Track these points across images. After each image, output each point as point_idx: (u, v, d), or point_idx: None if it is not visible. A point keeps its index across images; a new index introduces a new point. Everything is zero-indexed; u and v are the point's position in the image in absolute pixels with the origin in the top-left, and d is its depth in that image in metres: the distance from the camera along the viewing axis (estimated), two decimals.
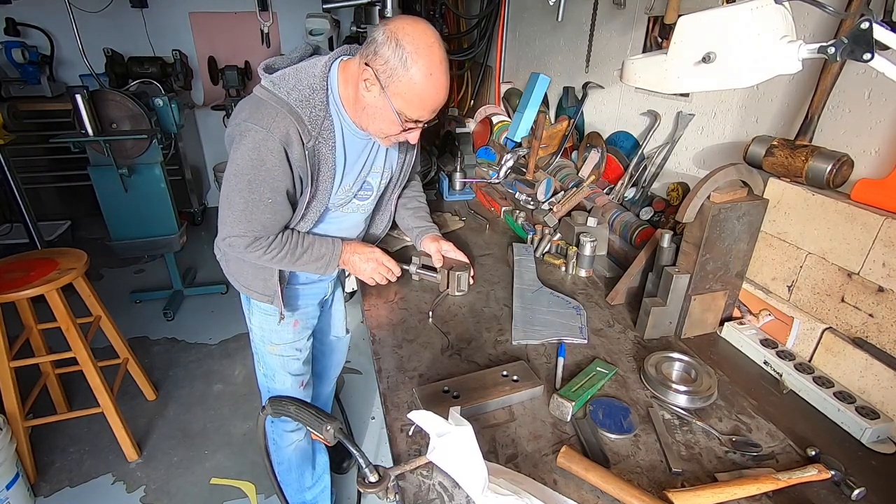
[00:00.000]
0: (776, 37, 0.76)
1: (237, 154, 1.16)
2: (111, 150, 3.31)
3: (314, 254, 1.34)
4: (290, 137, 1.13)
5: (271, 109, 1.13)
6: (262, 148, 1.13)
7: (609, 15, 1.91)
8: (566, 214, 1.79)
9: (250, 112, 1.15)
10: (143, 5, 4.41)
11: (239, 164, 1.16)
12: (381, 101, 1.12)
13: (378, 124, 1.18)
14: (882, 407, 1.01)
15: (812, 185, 1.12)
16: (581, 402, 1.05)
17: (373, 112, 1.16)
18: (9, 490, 1.82)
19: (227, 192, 1.21)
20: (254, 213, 1.20)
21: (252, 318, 1.53)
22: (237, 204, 1.19)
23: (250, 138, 1.13)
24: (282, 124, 1.12)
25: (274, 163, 1.14)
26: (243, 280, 1.45)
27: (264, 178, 1.16)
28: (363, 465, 0.82)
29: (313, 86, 1.16)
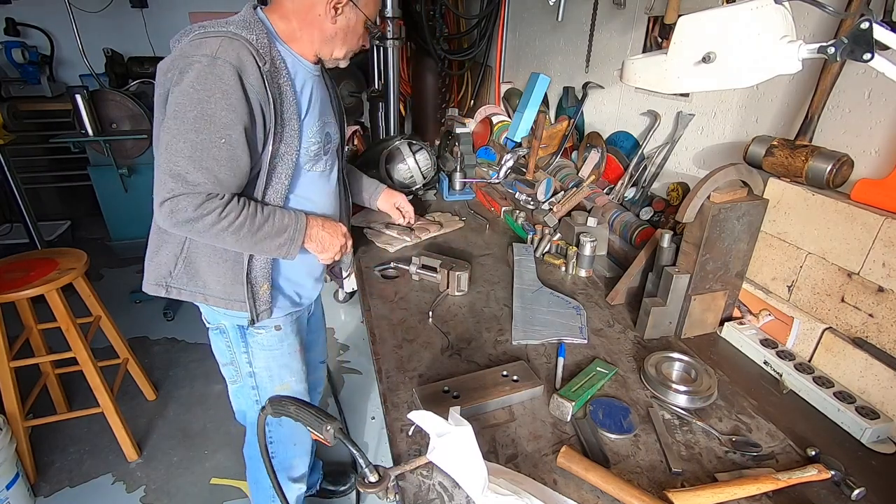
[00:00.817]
0: (776, 37, 0.76)
1: (177, 92, 0.99)
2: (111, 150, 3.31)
3: (276, 224, 1.13)
4: (243, 60, 0.99)
5: (212, 39, 0.99)
6: (209, 76, 0.97)
7: (609, 15, 1.91)
8: (566, 214, 1.79)
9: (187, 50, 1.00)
10: (143, 5, 4.42)
11: (181, 102, 0.98)
12: (353, 18, 1.10)
13: (349, 44, 1.15)
14: (882, 407, 1.01)
15: (812, 185, 1.12)
16: (581, 402, 1.05)
17: (345, 34, 1.12)
18: (9, 490, 1.82)
19: (168, 141, 1.00)
20: (203, 159, 1.00)
21: (254, 362, 1.33)
22: (181, 150, 0.99)
23: (193, 70, 0.97)
24: (230, 48, 0.99)
25: (225, 90, 0.98)
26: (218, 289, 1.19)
27: (214, 111, 0.98)
28: (363, 465, 0.82)
29: (246, 19, 1.06)
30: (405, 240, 1.78)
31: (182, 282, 1.19)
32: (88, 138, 3.18)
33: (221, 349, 1.34)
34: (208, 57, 0.97)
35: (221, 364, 1.38)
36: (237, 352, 1.32)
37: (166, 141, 1.00)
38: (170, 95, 1.00)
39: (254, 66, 1.00)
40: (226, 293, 1.20)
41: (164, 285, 1.20)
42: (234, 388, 1.41)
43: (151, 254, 1.22)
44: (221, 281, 1.19)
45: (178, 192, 1.00)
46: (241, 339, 1.30)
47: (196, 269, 1.18)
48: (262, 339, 1.31)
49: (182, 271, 1.19)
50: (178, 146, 0.99)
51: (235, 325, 1.28)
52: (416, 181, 2.16)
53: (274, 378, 1.37)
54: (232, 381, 1.40)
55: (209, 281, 1.19)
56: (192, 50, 0.99)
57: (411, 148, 2.14)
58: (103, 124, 3.27)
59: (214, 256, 1.17)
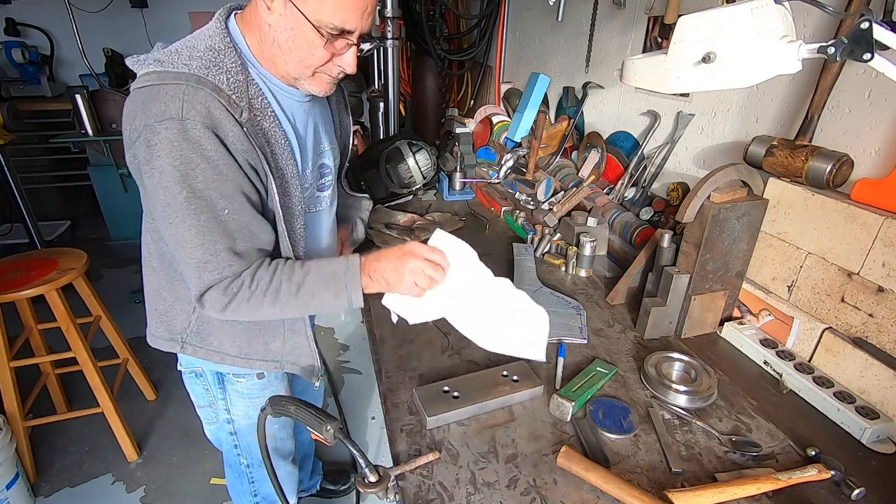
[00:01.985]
0: (776, 37, 0.76)
1: (155, 173, 0.82)
2: (111, 150, 3.32)
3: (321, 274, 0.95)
4: (215, 116, 0.83)
5: (173, 90, 0.81)
6: (184, 145, 0.81)
7: (609, 15, 1.91)
8: (566, 214, 1.79)
9: (145, 108, 0.82)
10: (143, 5, 4.42)
11: (165, 186, 0.83)
12: (290, 18, 0.86)
13: (298, 55, 0.90)
14: (882, 407, 1.01)
15: (812, 185, 1.12)
16: (581, 402, 1.05)
17: (286, 40, 0.88)
18: (9, 490, 1.82)
19: (172, 233, 0.88)
20: (213, 239, 0.87)
21: (232, 409, 1.23)
22: (189, 240, 0.86)
23: (162, 142, 0.81)
24: (196, 102, 0.81)
25: (207, 157, 0.83)
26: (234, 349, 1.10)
27: (203, 185, 0.84)
28: (363, 465, 0.82)
29: (214, 47, 0.87)
30: (405, 240, 1.78)
31: (197, 339, 1.09)
32: (88, 138, 3.18)
33: (198, 392, 1.23)
34: (175, 121, 0.80)
35: (197, 406, 1.27)
36: (215, 397, 1.22)
37: (172, 234, 0.88)
38: (144, 176, 0.85)
39: (229, 121, 0.84)
40: (241, 352, 1.10)
41: (178, 341, 1.10)
42: (210, 428, 1.31)
43: (164, 308, 1.09)
44: (237, 341, 1.09)
45: (208, 281, 0.90)
46: (218, 385, 1.19)
47: (210, 329, 1.08)
48: (242, 388, 1.20)
49: (195, 331, 1.08)
50: (185, 236, 0.86)
51: (213, 370, 1.17)
52: (416, 181, 2.16)
53: (253, 426, 1.22)
54: (209, 423, 1.29)
55: (223, 341, 1.09)
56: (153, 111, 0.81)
57: (411, 148, 2.14)
58: (103, 124, 3.27)
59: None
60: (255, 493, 1.41)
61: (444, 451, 0.95)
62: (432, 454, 0.93)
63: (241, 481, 1.39)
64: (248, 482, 1.39)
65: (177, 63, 0.84)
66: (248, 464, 1.34)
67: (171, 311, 1.09)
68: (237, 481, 1.41)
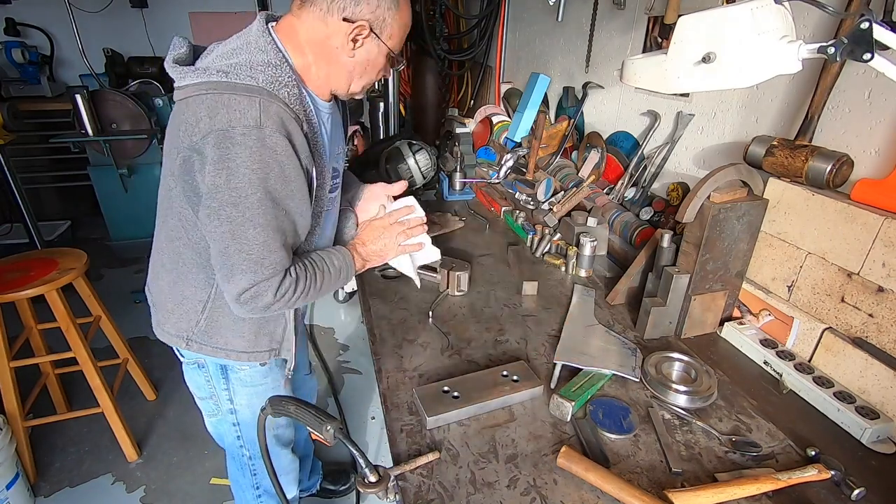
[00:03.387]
0: (776, 37, 0.77)
1: (226, 173, 0.88)
2: (111, 150, 3.32)
3: (333, 271, 1.09)
4: (288, 127, 0.91)
5: (247, 101, 0.88)
6: (262, 151, 0.88)
7: (609, 15, 1.91)
8: (566, 214, 1.79)
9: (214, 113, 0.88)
10: (143, 5, 4.42)
11: (237, 186, 0.88)
12: (374, 51, 0.99)
13: (369, 77, 1.05)
14: (882, 407, 1.01)
15: (812, 185, 1.12)
16: (581, 402, 1.05)
17: (364, 68, 1.01)
18: (9, 490, 1.82)
19: (231, 230, 0.92)
20: (274, 237, 0.94)
21: (235, 398, 1.25)
22: (252, 238, 0.92)
23: (239, 146, 0.87)
24: (272, 112, 0.89)
25: (281, 162, 0.91)
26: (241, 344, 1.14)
27: (274, 187, 0.91)
28: (363, 465, 0.82)
29: (270, 62, 0.93)
30: None
31: (204, 338, 1.13)
32: (88, 138, 3.18)
33: (199, 383, 1.25)
34: (254, 129, 0.87)
35: (198, 398, 1.29)
36: (217, 388, 1.24)
37: (230, 230, 0.92)
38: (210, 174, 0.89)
39: (298, 132, 0.93)
40: (248, 347, 1.15)
41: (184, 338, 1.14)
42: (212, 420, 1.32)
43: (172, 305, 1.13)
44: (245, 337, 1.14)
45: (260, 278, 0.95)
46: (221, 375, 1.22)
47: (218, 327, 1.12)
48: (245, 376, 1.23)
49: (203, 329, 1.12)
50: (248, 233, 0.92)
51: (216, 361, 1.20)
52: (416, 181, 2.16)
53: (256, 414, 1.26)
54: (210, 415, 1.31)
55: (231, 338, 1.13)
56: (228, 118, 0.87)
57: (411, 148, 2.14)
58: (103, 124, 3.27)
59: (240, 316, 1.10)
60: (256, 486, 1.41)
61: (444, 451, 0.95)
62: (432, 454, 0.93)
63: (243, 473, 1.40)
64: (251, 474, 1.39)
65: (242, 76, 0.90)
66: (251, 455, 1.35)
67: (178, 309, 1.12)
68: (239, 474, 1.41)
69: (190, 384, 1.28)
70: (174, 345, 1.16)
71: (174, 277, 1.11)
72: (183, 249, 1.06)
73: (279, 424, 1.37)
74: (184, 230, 1.04)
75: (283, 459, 1.42)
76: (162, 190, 1.07)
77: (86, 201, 4.13)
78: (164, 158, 1.02)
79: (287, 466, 1.45)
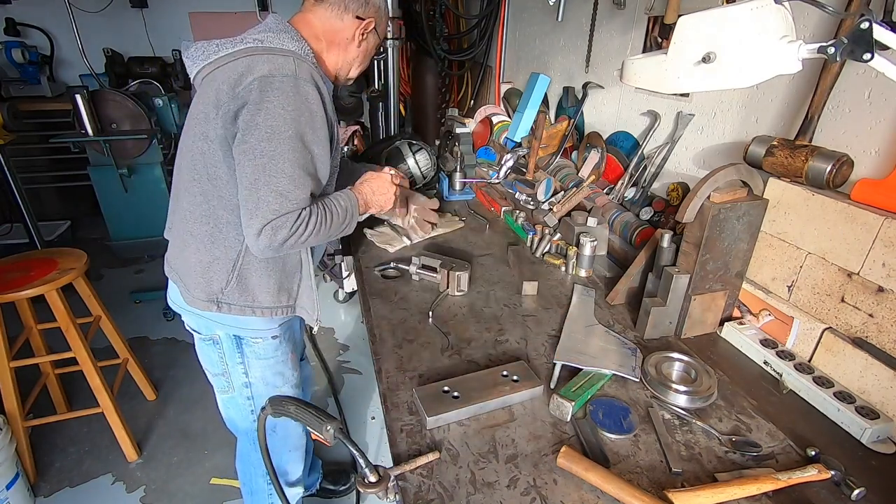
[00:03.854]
0: (776, 37, 0.77)
1: (265, 112, 1.00)
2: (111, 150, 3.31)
3: (341, 211, 1.17)
4: (317, 82, 1.06)
5: (282, 58, 1.04)
6: (297, 95, 1.01)
7: (609, 15, 1.91)
8: (566, 214, 1.79)
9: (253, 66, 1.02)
10: (143, 5, 4.42)
11: (274, 125, 1.00)
12: (372, 42, 1.24)
13: (365, 64, 1.28)
14: (882, 407, 1.01)
15: (812, 185, 1.12)
16: (581, 402, 1.05)
17: (364, 57, 1.25)
18: (9, 490, 1.82)
19: (263, 164, 1.01)
20: (302, 176, 1.05)
21: (250, 372, 1.31)
22: (283, 170, 1.02)
23: (278, 90, 1.00)
24: (304, 68, 1.05)
25: (312, 109, 1.04)
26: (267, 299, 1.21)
27: (305, 130, 1.04)
28: (363, 465, 0.83)
29: (294, 37, 1.11)
30: (404, 241, 1.78)
31: (234, 297, 1.19)
32: (88, 138, 3.18)
33: (212, 359, 1.30)
34: (291, 77, 1.01)
35: (211, 374, 1.34)
36: (231, 363, 1.29)
37: (262, 164, 1.01)
38: (250, 114, 1.01)
39: (323, 87, 1.08)
40: (273, 302, 1.22)
41: (215, 301, 1.19)
42: (224, 397, 1.37)
43: (201, 270, 1.18)
44: (270, 291, 1.21)
45: (284, 210, 1.02)
46: (236, 349, 1.28)
47: (247, 284, 1.19)
48: (259, 349, 1.29)
49: (234, 287, 1.19)
50: (278, 166, 1.01)
51: (231, 335, 1.26)
52: (416, 181, 2.16)
53: (269, 386, 1.34)
54: (222, 391, 1.35)
55: (258, 294, 1.21)
56: (269, 68, 1.01)
57: (411, 148, 2.14)
58: (103, 124, 3.27)
59: (266, 270, 1.19)
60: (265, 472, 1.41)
61: (444, 451, 0.95)
62: (432, 454, 0.93)
63: (254, 448, 1.40)
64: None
65: (276, 44, 1.07)
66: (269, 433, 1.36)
67: (208, 272, 1.18)
68: (251, 449, 1.44)
69: (203, 360, 1.34)
70: (204, 310, 1.20)
71: (206, 240, 1.16)
72: (215, 210, 1.13)
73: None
74: (216, 190, 1.11)
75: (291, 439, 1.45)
76: (184, 160, 1.15)
77: (86, 201, 4.12)
78: (190, 125, 1.12)
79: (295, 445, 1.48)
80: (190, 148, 1.13)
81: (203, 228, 1.15)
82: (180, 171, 1.17)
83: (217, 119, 1.04)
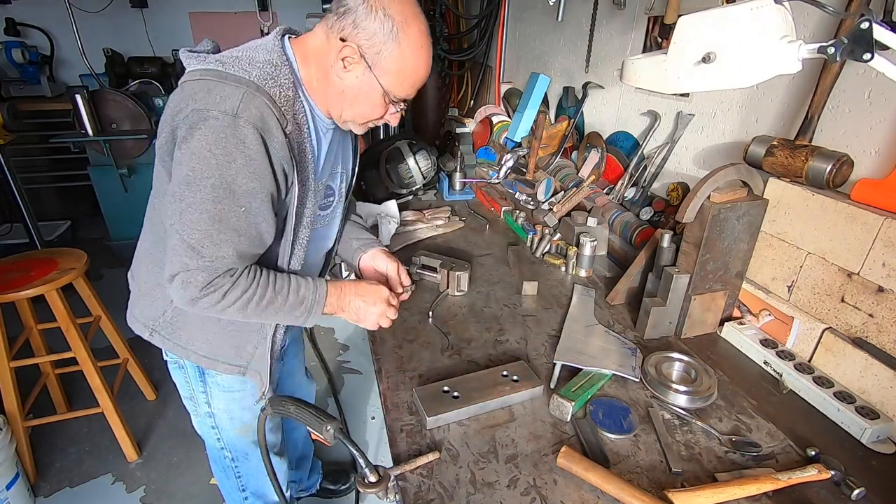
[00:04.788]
0: (776, 37, 0.76)
1: (189, 152, 0.87)
2: (111, 150, 3.32)
3: (291, 297, 1.01)
4: (267, 122, 0.89)
5: (232, 89, 0.87)
6: (230, 138, 0.86)
7: (609, 15, 1.91)
8: (566, 214, 1.79)
9: (196, 96, 0.88)
10: (143, 5, 4.42)
11: (195, 167, 0.87)
12: (365, 82, 0.96)
13: (359, 108, 1.01)
14: (882, 407, 1.01)
15: (812, 185, 1.12)
16: (581, 402, 1.05)
17: (354, 95, 0.98)
18: (9, 490, 1.82)
19: (181, 209, 0.89)
20: (221, 231, 0.90)
21: (213, 402, 1.22)
22: (196, 221, 0.89)
23: (208, 129, 0.85)
24: (252, 106, 0.87)
25: (248, 154, 0.88)
26: (204, 347, 1.10)
27: (235, 178, 0.88)
28: (363, 465, 0.82)
29: (273, 61, 0.93)
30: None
31: (167, 331, 1.10)
32: (88, 138, 3.18)
33: (181, 383, 1.24)
34: (228, 115, 0.86)
35: (182, 396, 1.28)
36: (196, 390, 1.21)
37: (179, 209, 0.89)
38: (178, 152, 0.89)
39: (278, 129, 0.90)
40: (210, 353, 1.11)
41: (149, 327, 1.11)
42: (196, 420, 1.31)
43: (146, 290, 1.10)
44: (208, 340, 1.10)
45: (192, 266, 0.91)
46: (199, 378, 1.19)
47: (182, 322, 1.09)
48: (222, 381, 1.19)
49: (169, 320, 1.09)
50: (193, 217, 0.89)
51: (194, 363, 1.17)
52: (416, 181, 2.16)
53: (235, 420, 1.24)
54: (193, 414, 1.30)
55: (193, 338, 1.10)
56: (207, 101, 0.87)
57: (411, 148, 2.14)
58: (103, 124, 3.27)
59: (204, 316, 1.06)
60: (242, 487, 1.39)
61: (444, 451, 0.95)
62: (432, 454, 0.93)
63: (227, 476, 1.38)
64: (235, 477, 1.37)
65: (237, 68, 0.90)
66: (233, 458, 1.32)
67: (150, 295, 1.10)
68: (223, 476, 1.39)
69: (175, 382, 1.26)
70: (139, 333, 1.12)
71: (152, 262, 1.08)
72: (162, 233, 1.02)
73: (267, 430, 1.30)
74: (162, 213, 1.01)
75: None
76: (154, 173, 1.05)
77: (86, 201, 4.13)
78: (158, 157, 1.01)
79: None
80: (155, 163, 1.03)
81: (153, 248, 1.08)
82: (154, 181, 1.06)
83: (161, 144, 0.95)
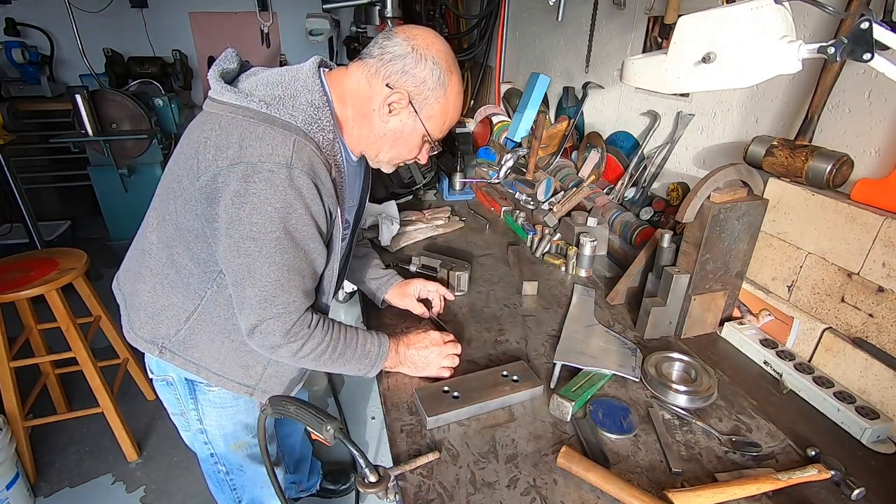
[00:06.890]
0: (776, 37, 0.76)
1: (248, 206, 0.87)
2: (111, 150, 3.32)
3: (359, 350, 1.06)
4: (316, 170, 0.90)
5: (282, 138, 0.87)
6: (288, 190, 0.87)
7: (609, 15, 1.91)
8: (566, 214, 1.79)
9: (244, 142, 0.87)
10: (143, 5, 4.42)
11: (257, 221, 0.88)
12: (409, 126, 0.99)
13: (398, 150, 1.04)
14: (882, 407, 1.01)
15: (812, 185, 1.12)
16: (581, 402, 1.05)
17: (395, 138, 1.01)
18: (9, 490, 1.82)
19: (247, 263, 0.91)
20: (290, 279, 0.94)
21: (205, 419, 1.20)
22: (266, 274, 0.92)
23: (264, 182, 0.86)
24: (304, 154, 0.89)
25: (307, 204, 0.90)
26: (215, 365, 1.09)
27: (296, 226, 0.91)
28: (363, 465, 0.82)
29: (314, 103, 0.94)
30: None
31: (179, 349, 1.09)
32: (88, 138, 3.18)
33: (170, 400, 1.21)
34: (283, 167, 0.86)
35: (171, 413, 1.25)
36: (186, 406, 1.19)
37: (246, 263, 0.91)
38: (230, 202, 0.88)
39: (325, 175, 0.92)
40: (220, 370, 1.11)
41: (158, 346, 1.09)
42: (186, 434, 1.27)
43: (153, 311, 1.08)
44: (220, 359, 1.10)
45: (268, 316, 0.95)
46: (189, 395, 1.17)
47: (196, 340, 1.08)
48: (214, 397, 1.17)
49: (182, 339, 1.08)
50: (263, 270, 0.91)
51: (184, 378, 1.15)
52: (416, 181, 2.16)
53: (228, 437, 1.23)
54: (184, 430, 1.26)
55: (206, 355, 1.09)
56: (259, 150, 0.86)
57: None
58: (103, 124, 3.27)
59: (222, 333, 1.07)
60: (238, 500, 1.37)
61: (444, 451, 0.95)
62: (432, 454, 0.93)
63: (222, 490, 1.35)
64: (230, 490, 1.35)
65: (282, 111, 0.90)
66: (227, 471, 1.30)
67: (160, 315, 1.07)
68: (218, 490, 1.37)
69: (162, 400, 1.23)
70: (145, 350, 1.11)
71: (162, 282, 1.05)
72: (180, 258, 1.01)
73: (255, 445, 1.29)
74: (183, 239, 0.99)
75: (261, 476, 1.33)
76: (164, 190, 1.02)
77: (86, 201, 4.13)
78: (176, 161, 0.99)
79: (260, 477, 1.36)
80: (170, 181, 1.00)
81: (163, 269, 1.04)
82: (160, 193, 1.04)
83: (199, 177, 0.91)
